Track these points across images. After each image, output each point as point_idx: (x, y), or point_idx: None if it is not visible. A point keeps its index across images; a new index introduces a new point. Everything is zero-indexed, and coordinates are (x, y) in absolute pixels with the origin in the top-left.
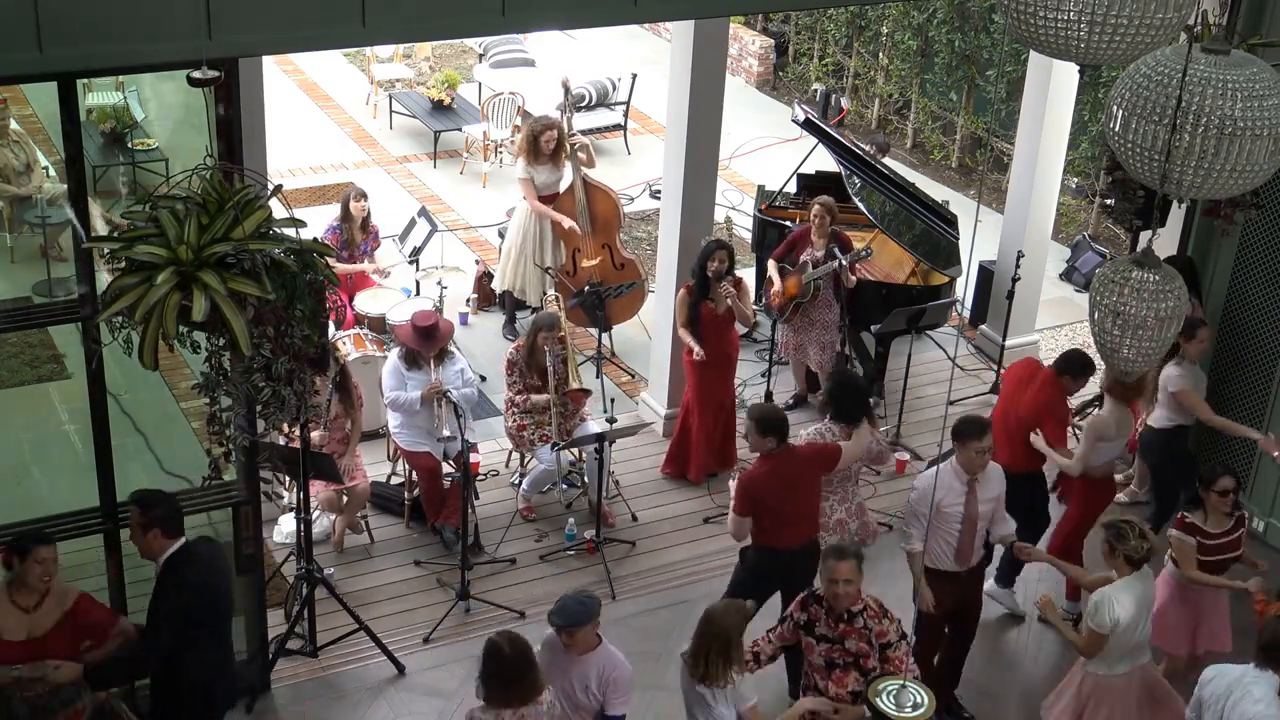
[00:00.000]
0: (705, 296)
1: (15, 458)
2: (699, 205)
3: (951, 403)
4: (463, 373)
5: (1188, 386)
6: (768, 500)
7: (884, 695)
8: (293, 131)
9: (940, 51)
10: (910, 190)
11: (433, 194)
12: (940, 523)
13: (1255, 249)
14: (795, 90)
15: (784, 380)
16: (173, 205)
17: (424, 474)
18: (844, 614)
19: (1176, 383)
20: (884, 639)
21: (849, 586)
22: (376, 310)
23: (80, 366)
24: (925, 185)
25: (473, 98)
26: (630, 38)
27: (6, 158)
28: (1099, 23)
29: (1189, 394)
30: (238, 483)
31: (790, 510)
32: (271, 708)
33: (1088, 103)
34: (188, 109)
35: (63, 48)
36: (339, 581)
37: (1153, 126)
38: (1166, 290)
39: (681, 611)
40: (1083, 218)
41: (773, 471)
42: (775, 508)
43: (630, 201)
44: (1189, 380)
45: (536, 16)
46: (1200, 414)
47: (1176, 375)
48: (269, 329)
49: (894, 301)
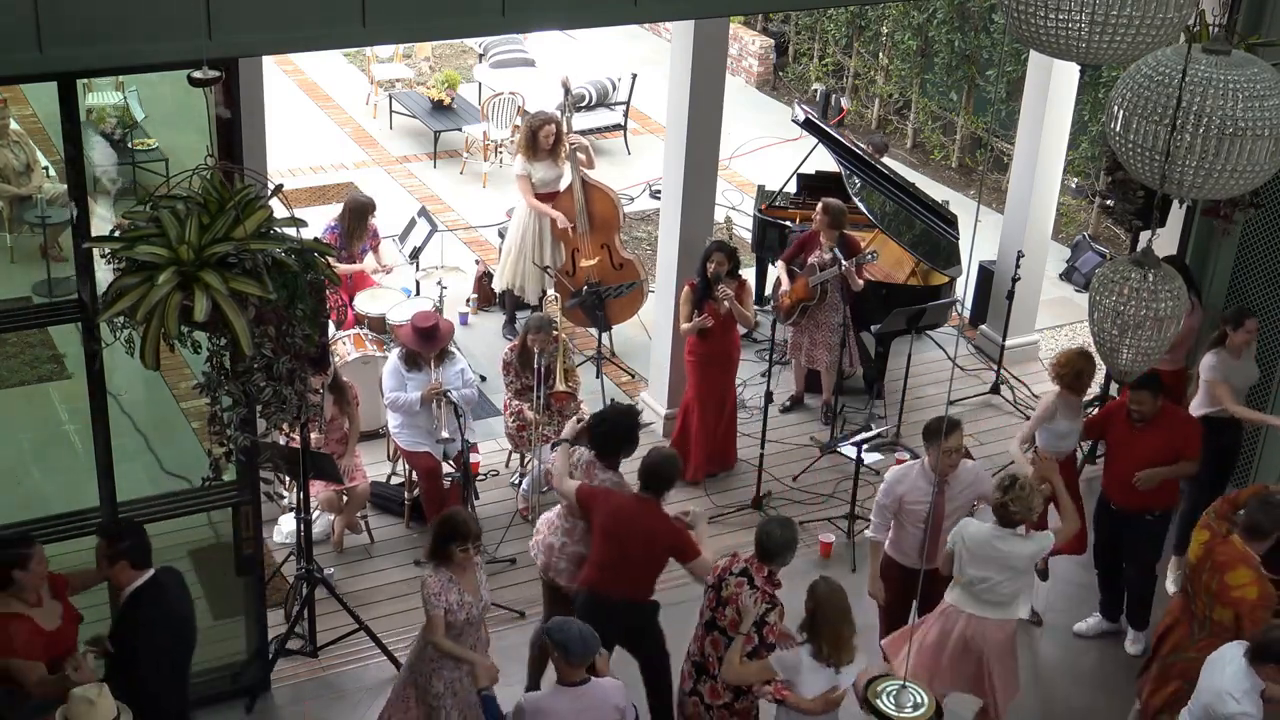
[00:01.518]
0: (708, 296)
1: (15, 458)
2: (699, 205)
3: (951, 402)
4: (463, 373)
5: (1218, 377)
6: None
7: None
8: (293, 131)
9: (940, 51)
10: (910, 190)
11: (433, 194)
12: (905, 519)
13: (1255, 249)
14: (795, 90)
15: (784, 380)
16: (173, 205)
17: (424, 474)
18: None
19: (1209, 371)
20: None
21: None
22: (376, 310)
23: (80, 366)
24: (925, 185)
25: (473, 98)
26: (630, 38)
27: (6, 158)
28: (1100, 22)
29: (1217, 384)
30: (238, 483)
31: (604, 552)
32: (271, 708)
33: (1088, 103)
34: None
35: (63, 48)
36: (339, 581)
37: (1153, 126)
38: (1165, 290)
39: (681, 611)
40: (1083, 218)
41: (612, 507)
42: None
43: (630, 201)
44: (1221, 371)
45: (536, 16)
46: (1226, 404)
47: (1211, 364)
48: (270, 329)
49: (894, 301)
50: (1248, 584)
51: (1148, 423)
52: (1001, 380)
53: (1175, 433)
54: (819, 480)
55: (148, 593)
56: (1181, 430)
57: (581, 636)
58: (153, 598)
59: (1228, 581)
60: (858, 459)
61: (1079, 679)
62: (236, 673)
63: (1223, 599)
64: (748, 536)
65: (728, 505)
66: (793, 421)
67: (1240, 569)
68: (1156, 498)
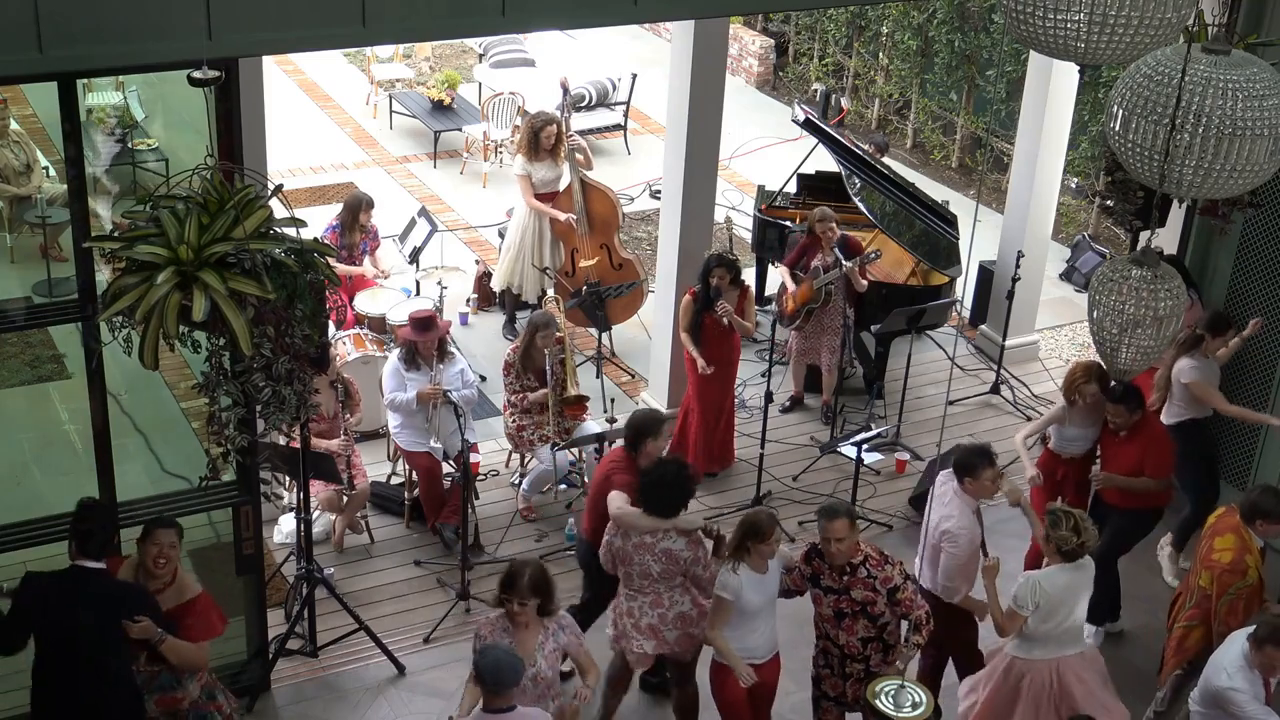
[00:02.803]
0: (709, 306)
1: (15, 458)
2: (699, 205)
3: (951, 402)
4: (463, 373)
5: (1200, 379)
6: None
7: (883, 695)
8: (293, 131)
9: (940, 51)
10: (910, 190)
11: (433, 194)
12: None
13: (1255, 249)
14: (795, 90)
15: (784, 381)
16: (173, 205)
17: (423, 475)
18: (845, 567)
19: (1189, 374)
20: (890, 584)
21: (841, 544)
22: (376, 310)
23: (80, 366)
24: (925, 185)
25: (473, 98)
26: (630, 38)
27: (6, 158)
28: (1099, 23)
29: (1201, 385)
30: (237, 483)
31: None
32: (271, 708)
33: (1088, 103)
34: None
35: (63, 48)
36: (339, 581)
37: (1153, 126)
38: (1164, 289)
39: None
40: (1083, 218)
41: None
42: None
43: (630, 201)
44: (1202, 374)
45: (536, 16)
46: (1215, 404)
47: (1190, 367)
48: (269, 329)
49: (894, 301)
50: (1225, 549)
51: (1129, 432)
52: (1001, 380)
53: (1148, 450)
54: (819, 480)
55: (58, 581)
56: (1154, 449)
57: (497, 665)
58: (54, 584)
59: (1214, 545)
60: (858, 459)
61: None
62: (236, 672)
63: (1205, 562)
64: None
65: (728, 505)
66: (793, 421)
67: (1228, 535)
68: (1145, 500)
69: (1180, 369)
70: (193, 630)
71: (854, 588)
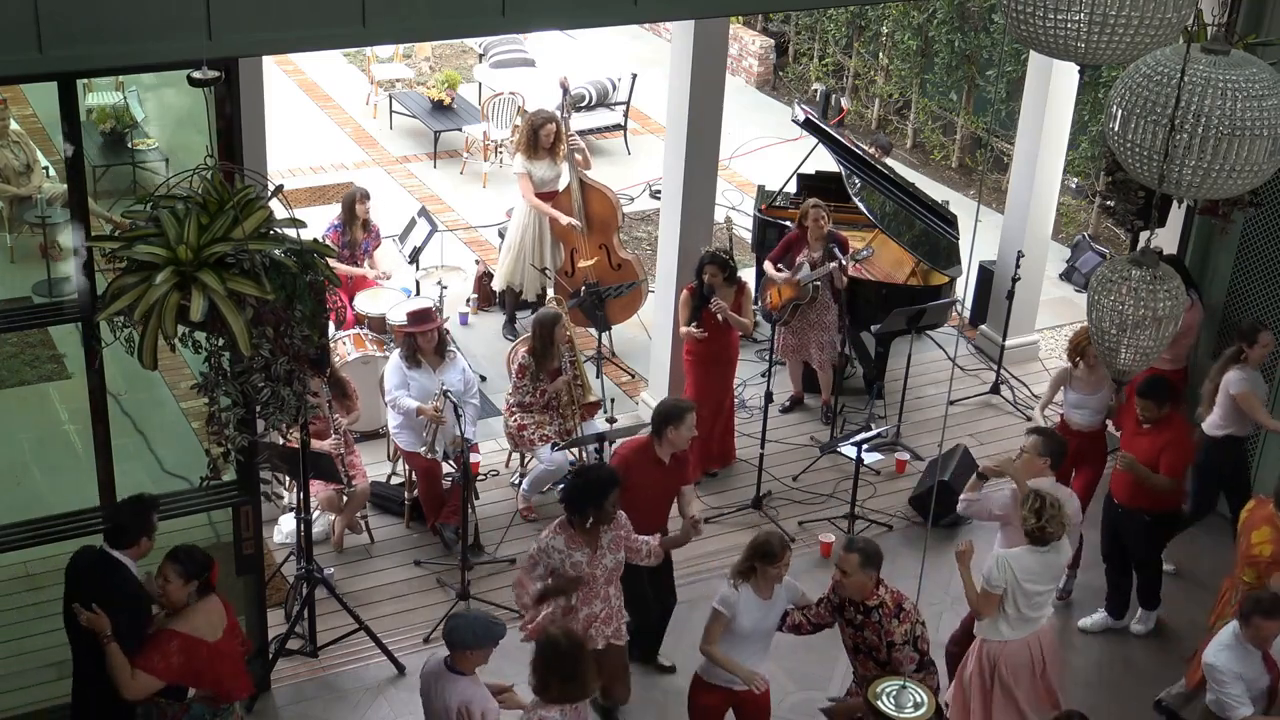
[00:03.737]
0: (706, 303)
1: (15, 458)
2: (699, 205)
3: (951, 402)
4: (464, 373)
5: (1248, 390)
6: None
7: (884, 696)
8: (293, 131)
9: (940, 51)
10: (910, 190)
11: (433, 194)
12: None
13: (1255, 249)
14: (795, 90)
15: (783, 381)
16: (173, 205)
17: (423, 475)
18: (862, 606)
19: (1238, 385)
20: (890, 638)
21: (847, 579)
22: (376, 310)
23: (80, 366)
24: (925, 185)
25: (473, 98)
26: (630, 38)
27: (6, 158)
28: (1099, 23)
29: (1247, 397)
30: (237, 483)
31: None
32: (271, 708)
33: (1088, 103)
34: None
35: (63, 48)
36: (339, 581)
37: (1152, 126)
38: (1164, 290)
39: (680, 611)
40: (1083, 218)
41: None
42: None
43: (630, 201)
44: (1249, 384)
45: (536, 16)
46: (1259, 418)
47: (1238, 379)
48: (268, 329)
49: (894, 301)
50: (1264, 542)
51: (1154, 425)
52: (1001, 380)
53: (1168, 446)
54: (819, 480)
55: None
56: (1174, 446)
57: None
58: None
59: (1251, 540)
60: (858, 459)
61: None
62: None
63: (1247, 558)
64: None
65: (727, 505)
66: (793, 421)
67: (1263, 528)
68: (1155, 500)
69: (1229, 380)
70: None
71: (867, 628)
